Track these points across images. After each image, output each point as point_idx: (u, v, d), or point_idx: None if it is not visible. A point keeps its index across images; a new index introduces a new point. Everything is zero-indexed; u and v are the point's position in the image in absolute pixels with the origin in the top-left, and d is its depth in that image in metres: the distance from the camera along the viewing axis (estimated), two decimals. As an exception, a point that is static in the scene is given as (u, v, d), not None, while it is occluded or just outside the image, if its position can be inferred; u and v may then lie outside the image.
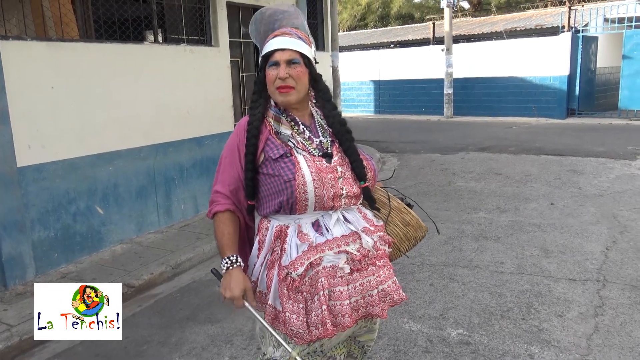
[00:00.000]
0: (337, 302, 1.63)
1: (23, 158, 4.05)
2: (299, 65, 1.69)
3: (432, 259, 4.32)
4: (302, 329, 1.62)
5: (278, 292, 1.67)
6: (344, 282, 1.64)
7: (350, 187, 1.70)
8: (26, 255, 4.06)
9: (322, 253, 1.64)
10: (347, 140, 1.74)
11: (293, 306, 1.63)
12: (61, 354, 3.16)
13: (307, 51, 1.73)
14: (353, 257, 1.66)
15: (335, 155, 1.72)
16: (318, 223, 1.68)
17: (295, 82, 1.68)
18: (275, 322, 1.69)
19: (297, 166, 1.64)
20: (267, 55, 1.71)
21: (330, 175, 1.66)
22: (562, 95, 13.90)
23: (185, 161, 5.58)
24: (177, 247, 4.76)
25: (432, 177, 7.54)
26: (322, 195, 1.64)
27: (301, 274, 1.62)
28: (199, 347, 3.16)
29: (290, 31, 1.74)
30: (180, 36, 5.80)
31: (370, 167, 1.77)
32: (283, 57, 1.68)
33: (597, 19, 13.78)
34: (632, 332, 3.04)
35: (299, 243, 1.65)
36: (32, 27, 4.67)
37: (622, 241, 4.54)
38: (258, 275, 1.75)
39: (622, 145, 9.23)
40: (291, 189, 1.62)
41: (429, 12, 24.72)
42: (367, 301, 1.68)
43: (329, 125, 1.77)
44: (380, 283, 1.70)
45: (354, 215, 1.73)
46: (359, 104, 18.29)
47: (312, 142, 1.73)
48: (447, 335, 3.10)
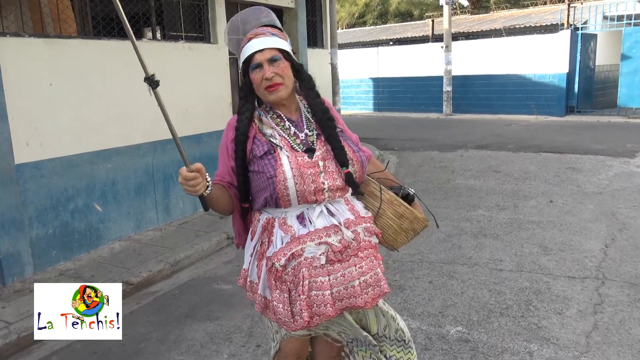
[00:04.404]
0: (319, 292, 1.67)
1: (21, 155, 4.04)
2: (281, 61, 1.73)
3: (431, 256, 4.31)
4: (288, 317, 1.69)
5: (267, 282, 1.74)
6: (324, 272, 1.69)
7: (334, 180, 1.73)
8: (24, 252, 4.05)
9: (304, 244, 1.69)
10: (329, 127, 1.78)
11: (280, 295, 1.70)
12: (59, 351, 3.15)
13: (284, 45, 1.77)
14: (333, 249, 1.69)
15: (319, 149, 1.76)
16: (303, 215, 1.73)
17: (282, 78, 1.73)
18: (265, 311, 1.78)
19: (278, 162, 1.69)
20: (247, 59, 1.74)
21: (311, 170, 1.70)
22: (561, 92, 13.88)
23: (183, 158, 5.56)
24: (176, 244, 4.75)
25: (431, 174, 7.54)
26: (303, 191, 1.69)
27: (283, 264, 1.68)
28: (197, 344, 3.16)
29: (263, 30, 1.78)
30: (179, 33, 5.78)
31: (356, 159, 1.79)
32: (264, 57, 1.71)
33: (597, 17, 13.75)
34: (631, 329, 3.04)
35: (283, 235, 1.71)
36: (30, 23, 4.66)
37: (621, 239, 4.54)
38: (249, 265, 1.83)
39: (621, 143, 9.23)
40: (273, 185, 1.69)
41: (428, 9, 24.65)
42: (350, 292, 1.71)
43: (312, 114, 1.81)
44: (362, 274, 1.73)
45: (339, 206, 1.77)
46: (357, 101, 18.27)
47: (296, 138, 1.77)
48: (446, 333, 3.10)
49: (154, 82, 1.56)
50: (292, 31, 7.67)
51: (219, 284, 4.06)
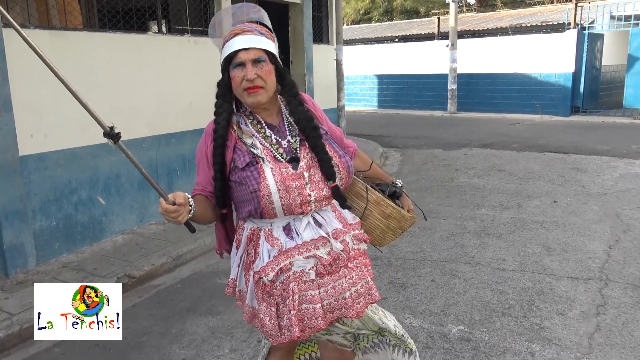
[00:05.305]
0: (310, 305, 1.63)
1: (25, 147, 4.04)
2: (265, 64, 1.64)
3: (433, 254, 4.31)
4: (274, 331, 1.65)
5: (254, 293, 1.70)
6: (314, 286, 1.64)
7: (320, 190, 1.67)
8: (28, 244, 4.06)
9: (292, 258, 1.64)
10: (314, 137, 1.68)
11: (266, 309, 1.67)
12: (61, 343, 3.16)
13: (271, 47, 1.67)
14: (322, 262, 1.65)
15: (304, 157, 1.68)
16: (289, 227, 1.67)
17: (264, 82, 1.63)
18: (253, 320, 1.75)
19: (261, 175, 1.61)
20: (229, 56, 1.65)
21: (296, 182, 1.63)
22: (566, 92, 13.83)
23: (187, 152, 5.56)
24: (179, 238, 4.75)
25: (434, 172, 7.52)
26: (289, 204, 1.63)
27: (272, 279, 1.63)
28: (199, 338, 3.16)
29: (251, 27, 1.68)
30: (184, 27, 5.77)
31: (343, 165, 1.72)
32: (248, 56, 1.62)
33: (604, 16, 13.68)
34: (634, 331, 3.03)
35: (269, 248, 1.65)
36: (36, 15, 4.65)
37: (625, 240, 4.52)
38: (236, 275, 1.79)
39: (626, 144, 9.19)
40: (257, 199, 1.62)
41: (434, 6, 24.56)
42: (341, 303, 1.67)
43: (296, 123, 1.72)
44: (353, 285, 1.69)
45: (326, 215, 1.71)
46: (362, 98, 18.24)
47: (279, 147, 1.68)
48: (448, 332, 3.09)
49: (114, 135, 1.50)
50: (297, 27, 7.65)
51: (221, 278, 4.07)
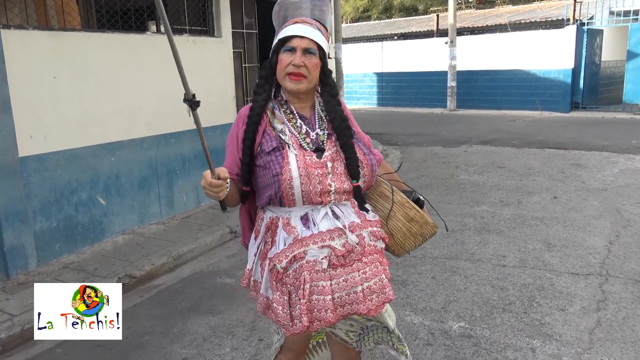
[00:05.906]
0: (320, 296, 1.63)
1: (25, 148, 4.04)
2: (315, 57, 1.69)
3: (434, 251, 4.31)
4: (287, 320, 1.65)
5: (269, 282, 1.71)
6: (326, 277, 1.64)
7: (341, 183, 1.69)
8: (28, 245, 4.06)
9: (307, 247, 1.65)
10: (346, 136, 1.73)
11: (280, 297, 1.67)
12: (62, 343, 3.17)
13: (324, 44, 1.73)
14: (336, 253, 1.65)
15: (329, 149, 1.72)
16: (307, 217, 1.69)
17: (308, 72, 1.69)
18: (267, 311, 1.75)
19: (285, 160, 1.65)
20: (283, 39, 1.70)
21: (319, 171, 1.66)
22: (566, 88, 13.82)
23: (187, 152, 5.57)
24: (179, 238, 4.76)
25: (434, 170, 7.52)
26: (308, 191, 1.65)
27: (285, 266, 1.65)
28: (200, 338, 3.17)
29: (311, 21, 1.74)
30: (183, 26, 5.76)
31: (367, 162, 1.74)
32: (301, 44, 1.67)
33: (603, 12, 13.67)
34: (635, 326, 3.03)
35: (285, 236, 1.68)
36: (34, 16, 4.65)
37: (625, 235, 4.52)
38: (253, 264, 1.80)
39: (626, 140, 9.19)
40: (278, 183, 1.65)
41: (433, 4, 24.53)
42: (352, 298, 1.66)
43: (330, 120, 1.76)
44: (366, 280, 1.68)
45: (345, 209, 1.72)
46: (361, 96, 18.22)
47: (307, 137, 1.73)
48: (449, 328, 3.10)
49: (195, 102, 1.51)
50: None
51: (221, 277, 4.07)
